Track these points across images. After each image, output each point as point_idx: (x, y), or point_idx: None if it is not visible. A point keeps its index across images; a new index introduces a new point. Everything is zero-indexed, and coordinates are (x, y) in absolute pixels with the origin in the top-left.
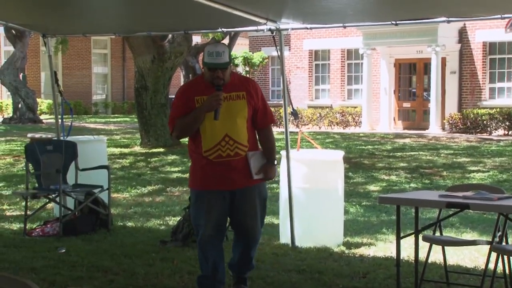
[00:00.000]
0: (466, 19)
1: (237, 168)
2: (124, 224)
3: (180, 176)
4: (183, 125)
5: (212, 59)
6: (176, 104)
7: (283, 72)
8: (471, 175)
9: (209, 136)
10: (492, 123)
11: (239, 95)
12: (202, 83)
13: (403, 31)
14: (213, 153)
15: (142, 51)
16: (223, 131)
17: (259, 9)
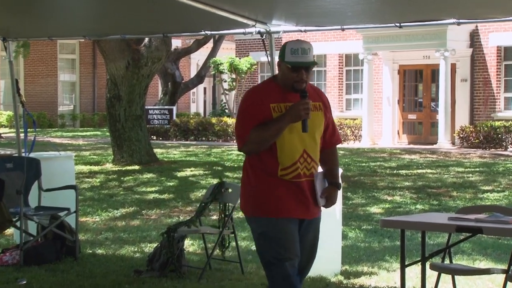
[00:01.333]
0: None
1: (308, 191)
2: (94, 251)
3: (157, 197)
4: (261, 138)
5: (297, 57)
6: (249, 112)
7: None
8: (485, 196)
9: (288, 152)
10: (508, 137)
11: (316, 105)
12: (276, 88)
13: (408, 34)
14: (291, 172)
15: (115, 56)
16: (302, 146)
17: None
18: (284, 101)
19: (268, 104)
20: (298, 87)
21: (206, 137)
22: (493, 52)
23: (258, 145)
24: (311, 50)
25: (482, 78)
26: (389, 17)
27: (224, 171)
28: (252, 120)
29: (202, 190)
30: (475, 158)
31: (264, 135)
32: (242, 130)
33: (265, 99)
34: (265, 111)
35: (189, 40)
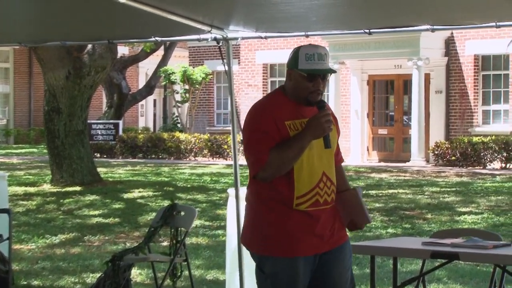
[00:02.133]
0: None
1: (330, 219)
2: (29, 282)
3: (101, 222)
4: (283, 160)
5: (313, 63)
6: (263, 131)
7: (231, 91)
8: (462, 218)
9: (306, 175)
10: (486, 153)
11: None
12: (287, 102)
13: (378, 42)
14: (309, 200)
15: (54, 65)
16: (321, 168)
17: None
18: (299, 117)
19: (283, 122)
20: (312, 99)
21: (156, 154)
22: (470, 61)
23: (279, 168)
24: (328, 56)
25: (458, 89)
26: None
27: (176, 192)
28: (269, 140)
29: (151, 213)
30: (451, 177)
31: (286, 155)
32: (258, 152)
33: (279, 115)
34: (281, 129)
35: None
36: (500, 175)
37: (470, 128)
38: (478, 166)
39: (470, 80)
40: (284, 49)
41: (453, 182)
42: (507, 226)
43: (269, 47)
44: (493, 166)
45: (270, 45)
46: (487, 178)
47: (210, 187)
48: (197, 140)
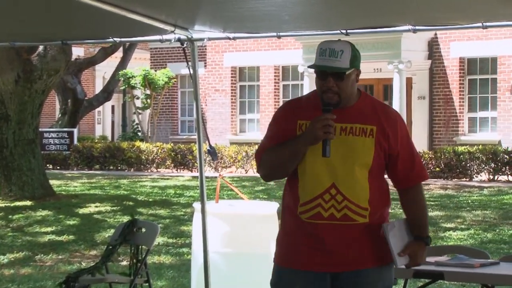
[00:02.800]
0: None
1: (346, 238)
2: None
3: (54, 239)
4: (272, 161)
5: (323, 60)
6: (271, 128)
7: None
8: (446, 234)
9: (309, 183)
10: (473, 164)
11: (365, 129)
12: (315, 101)
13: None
14: (310, 210)
15: (2, 68)
16: (330, 179)
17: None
18: None
19: (296, 120)
20: (327, 99)
21: (115, 165)
22: (455, 64)
23: (270, 170)
24: (346, 53)
25: (442, 95)
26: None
27: (137, 207)
28: (272, 138)
29: (109, 230)
30: (435, 189)
31: (276, 157)
32: (259, 148)
33: (294, 113)
34: (290, 128)
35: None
36: (487, 187)
37: (455, 137)
38: (464, 178)
39: (455, 85)
40: (255, 50)
41: (437, 195)
42: (495, 243)
43: (238, 48)
44: (480, 178)
45: (239, 47)
46: (474, 191)
47: (174, 201)
48: (160, 150)
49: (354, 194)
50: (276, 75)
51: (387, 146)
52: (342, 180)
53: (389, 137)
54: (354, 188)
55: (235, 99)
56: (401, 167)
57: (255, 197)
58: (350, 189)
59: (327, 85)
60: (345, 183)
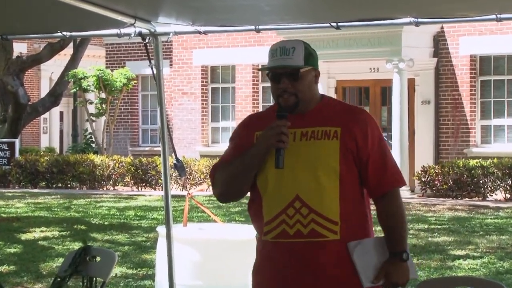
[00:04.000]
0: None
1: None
2: None
3: None
4: (224, 177)
5: (274, 60)
6: (229, 145)
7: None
8: (456, 263)
9: (271, 198)
10: (486, 181)
11: (328, 131)
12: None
13: (348, 38)
14: (274, 229)
15: None
16: (293, 190)
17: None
18: None
19: (253, 133)
20: (283, 103)
21: (64, 182)
22: (465, 63)
23: (224, 187)
24: (298, 50)
25: (450, 99)
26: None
27: (90, 231)
28: (228, 155)
29: (57, 259)
30: (443, 210)
31: (228, 173)
32: (213, 167)
33: (252, 125)
34: (247, 142)
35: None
36: (504, 208)
37: (466, 149)
38: (476, 197)
39: (465, 87)
40: (229, 47)
41: (445, 218)
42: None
43: (210, 44)
44: (495, 197)
45: (211, 42)
46: (488, 213)
47: (134, 225)
48: (117, 165)
49: (321, 205)
50: (254, 76)
51: (355, 149)
52: (306, 190)
53: (357, 138)
54: (320, 198)
55: (207, 104)
56: (372, 172)
57: (231, 219)
58: (316, 199)
59: (282, 87)
60: (310, 193)
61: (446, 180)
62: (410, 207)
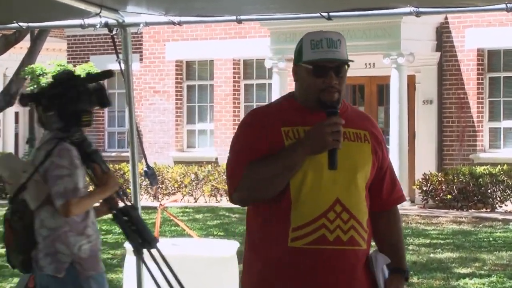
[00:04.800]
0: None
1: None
2: None
3: None
4: (259, 178)
5: (321, 52)
6: (245, 140)
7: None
8: (461, 283)
9: (309, 200)
10: (495, 190)
11: (358, 134)
12: (294, 105)
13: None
14: (311, 234)
15: None
16: (334, 193)
17: None
18: (305, 124)
19: (279, 128)
20: (327, 98)
21: None
22: (472, 58)
23: (254, 190)
24: (343, 43)
25: (455, 98)
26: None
27: None
28: (248, 152)
29: (11, 279)
30: (446, 223)
31: (265, 173)
32: (232, 169)
33: (273, 120)
34: (272, 138)
35: None
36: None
37: (472, 154)
38: (484, 208)
39: (472, 85)
40: (207, 39)
41: (449, 231)
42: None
43: (185, 37)
44: (505, 208)
45: (186, 35)
46: (497, 226)
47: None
48: None
49: (359, 211)
50: (235, 72)
51: (381, 156)
52: (346, 193)
53: (381, 145)
54: (358, 204)
55: (181, 104)
56: (387, 184)
57: (208, 234)
58: (356, 205)
59: (329, 82)
60: (350, 197)
61: (450, 189)
62: (410, 219)
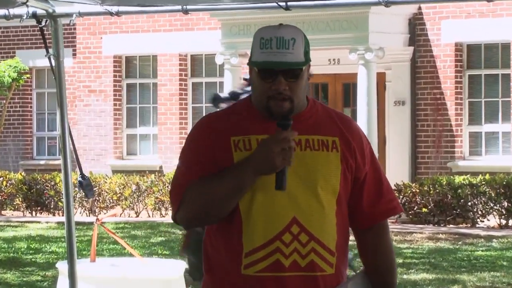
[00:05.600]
0: None
1: None
2: None
3: None
4: (204, 199)
5: (269, 53)
6: (191, 152)
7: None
8: None
9: (259, 221)
10: (476, 203)
11: (325, 141)
12: (251, 111)
13: (301, 22)
14: (264, 259)
15: None
16: (289, 211)
17: None
18: (258, 132)
19: (228, 137)
20: (275, 107)
21: None
22: (449, 53)
23: (200, 212)
24: (298, 42)
25: (431, 99)
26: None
27: None
28: (194, 166)
29: None
30: (421, 240)
31: (211, 193)
32: (176, 185)
33: (223, 127)
34: (219, 148)
35: None
36: (498, 237)
37: (450, 162)
38: (463, 223)
39: (449, 83)
40: (149, 32)
41: (425, 250)
42: None
43: (125, 29)
44: (487, 223)
45: (126, 26)
46: (478, 243)
47: (27, 260)
48: (5, 183)
49: (322, 231)
50: (182, 69)
51: (354, 165)
52: (305, 211)
53: (356, 152)
54: (321, 223)
55: (120, 105)
56: (367, 196)
57: (152, 253)
58: (317, 223)
59: (277, 88)
60: (310, 215)
61: (426, 202)
62: None
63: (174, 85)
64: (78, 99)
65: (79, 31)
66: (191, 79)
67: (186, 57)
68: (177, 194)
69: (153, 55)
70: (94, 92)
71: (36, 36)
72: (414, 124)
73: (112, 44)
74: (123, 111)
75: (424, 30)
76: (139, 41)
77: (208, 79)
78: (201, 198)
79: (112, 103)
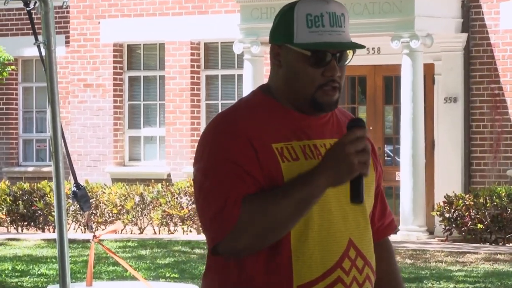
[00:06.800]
0: None
1: None
2: None
3: None
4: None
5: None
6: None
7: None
8: None
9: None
10: None
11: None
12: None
13: None
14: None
15: None
16: (345, 232)
17: None
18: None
19: (269, 145)
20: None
21: None
22: (509, 40)
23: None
24: (347, 19)
25: (488, 95)
26: None
27: None
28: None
29: None
30: (477, 262)
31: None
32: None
33: (260, 134)
34: (264, 159)
35: None
36: None
37: (510, 170)
38: None
39: (509, 77)
40: (155, 15)
41: (480, 273)
42: None
43: (126, 12)
44: None
45: (128, 9)
46: None
47: (12, 284)
48: None
49: (370, 253)
50: (194, 59)
51: (380, 171)
52: (356, 230)
53: (376, 156)
54: (369, 243)
55: (122, 102)
56: (379, 209)
57: (158, 275)
58: (368, 244)
59: (332, 74)
60: (362, 235)
61: (482, 217)
62: (428, 256)
63: (185, 79)
64: (72, 94)
65: (73, 15)
66: (205, 71)
67: (198, 46)
68: (229, 215)
69: (160, 43)
70: (91, 87)
71: (23, 21)
72: (468, 124)
73: (111, 30)
74: (125, 109)
75: (480, 14)
76: (144, 27)
77: (225, 72)
78: (263, 219)
79: (111, 99)
